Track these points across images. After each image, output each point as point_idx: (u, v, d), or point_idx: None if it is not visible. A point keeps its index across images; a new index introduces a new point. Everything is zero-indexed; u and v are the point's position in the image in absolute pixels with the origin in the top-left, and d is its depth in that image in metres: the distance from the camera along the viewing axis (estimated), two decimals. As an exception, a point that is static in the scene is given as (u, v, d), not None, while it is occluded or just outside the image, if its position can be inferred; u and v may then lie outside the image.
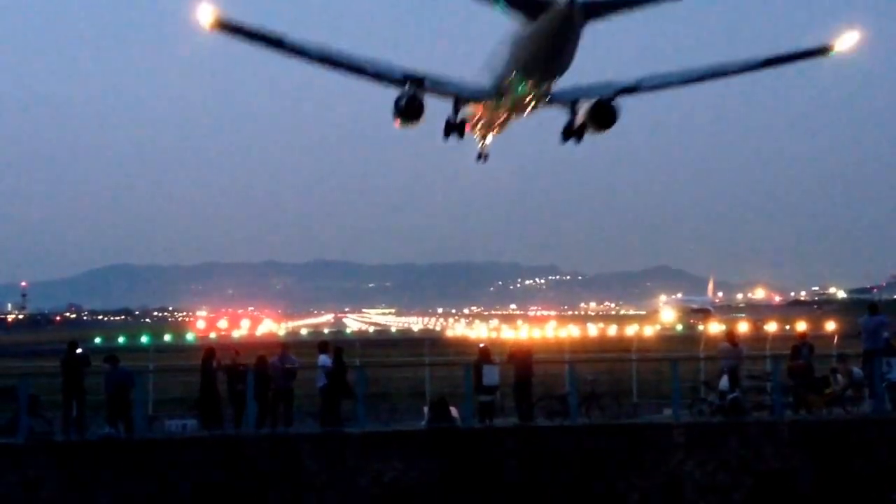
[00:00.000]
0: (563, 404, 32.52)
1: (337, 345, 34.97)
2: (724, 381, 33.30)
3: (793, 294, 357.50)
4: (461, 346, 76.95)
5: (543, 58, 25.11)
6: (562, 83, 26.97)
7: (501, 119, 29.98)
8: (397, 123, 28.81)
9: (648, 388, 41.68)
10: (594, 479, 29.48)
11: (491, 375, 32.24)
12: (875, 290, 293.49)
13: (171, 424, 33.95)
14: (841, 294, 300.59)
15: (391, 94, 27.97)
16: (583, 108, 29.54)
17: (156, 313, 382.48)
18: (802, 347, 34.74)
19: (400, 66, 27.88)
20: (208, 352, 33.69)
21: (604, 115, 29.17)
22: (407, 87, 27.94)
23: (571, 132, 29.90)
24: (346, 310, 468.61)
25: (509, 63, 26.29)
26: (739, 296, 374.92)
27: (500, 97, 28.28)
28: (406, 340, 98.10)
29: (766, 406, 33.19)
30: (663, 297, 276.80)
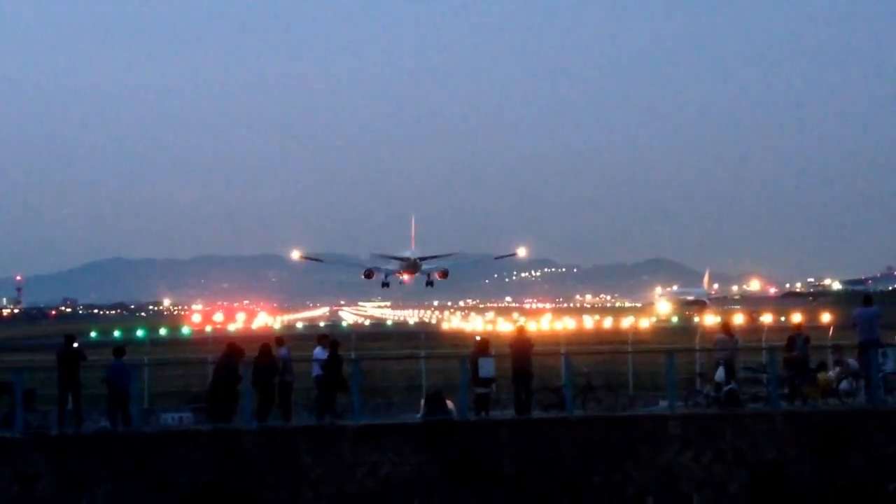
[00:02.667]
0: (559, 396, 32.52)
1: (333, 338, 34.93)
2: (719, 373, 33.30)
3: (788, 286, 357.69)
4: (457, 338, 76.91)
5: (410, 269, 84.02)
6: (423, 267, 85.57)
7: (407, 277, 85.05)
8: (362, 277, 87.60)
9: (644, 380, 41.60)
10: (590, 471, 29.51)
11: (487, 368, 32.23)
12: (869, 282, 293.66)
13: (166, 418, 33.89)
14: (836, 285, 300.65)
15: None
16: (434, 275, 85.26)
17: (151, 307, 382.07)
18: (798, 339, 34.73)
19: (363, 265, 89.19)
20: (236, 349, 32.66)
21: (444, 275, 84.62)
22: (366, 270, 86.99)
23: (428, 283, 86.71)
24: (342, 303, 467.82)
25: (401, 268, 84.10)
26: (735, 287, 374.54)
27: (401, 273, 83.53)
28: (402, 333, 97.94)
29: (762, 397, 33.21)
30: (659, 290, 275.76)
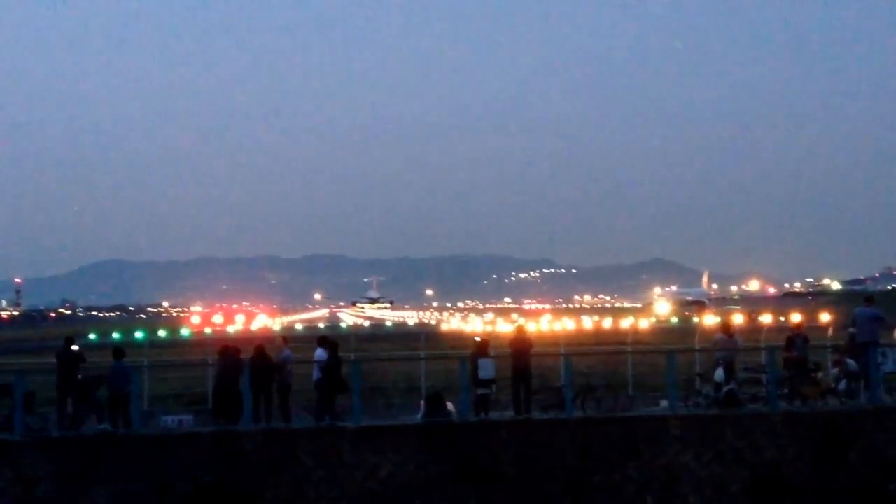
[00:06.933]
0: (559, 397, 32.51)
1: (332, 339, 34.89)
2: (719, 373, 33.30)
3: (787, 286, 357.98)
4: (456, 339, 76.87)
5: (373, 302, 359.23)
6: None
7: (372, 305, 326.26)
8: (350, 304, 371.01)
9: (644, 381, 41.63)
10: (590, 471, 29.52)
11: (487, 369, 32.21)
12: (868, 282, 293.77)
13: (166, 420, 33.88)
14: (835, 285, 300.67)
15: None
16: (384, 303, 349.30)
17: (150, 309, 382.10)
18: (797, 339, 34.73)
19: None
20: (231, 349, 32.82)
21: (391, 303, 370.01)
22: (352, 301, 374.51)
23: (391, 305, 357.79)
24: (341, 304, 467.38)
25: (370, 301, 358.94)
26: (734, 288, 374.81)
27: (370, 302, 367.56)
28: (401, 334, 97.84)
29: (762, 398, 33.23)
30: (658, 290, 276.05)
